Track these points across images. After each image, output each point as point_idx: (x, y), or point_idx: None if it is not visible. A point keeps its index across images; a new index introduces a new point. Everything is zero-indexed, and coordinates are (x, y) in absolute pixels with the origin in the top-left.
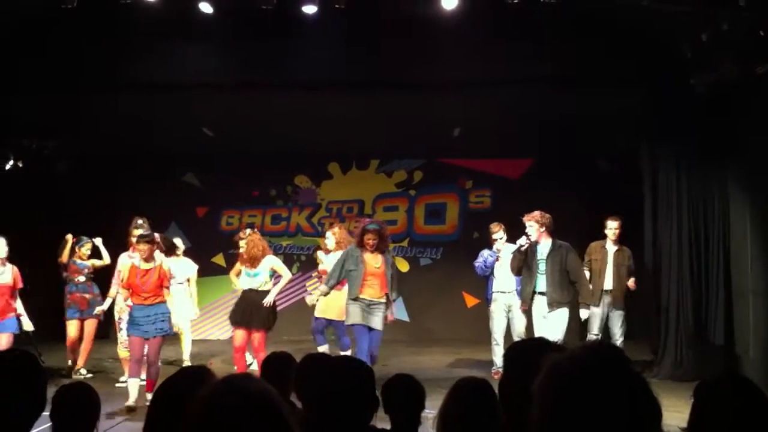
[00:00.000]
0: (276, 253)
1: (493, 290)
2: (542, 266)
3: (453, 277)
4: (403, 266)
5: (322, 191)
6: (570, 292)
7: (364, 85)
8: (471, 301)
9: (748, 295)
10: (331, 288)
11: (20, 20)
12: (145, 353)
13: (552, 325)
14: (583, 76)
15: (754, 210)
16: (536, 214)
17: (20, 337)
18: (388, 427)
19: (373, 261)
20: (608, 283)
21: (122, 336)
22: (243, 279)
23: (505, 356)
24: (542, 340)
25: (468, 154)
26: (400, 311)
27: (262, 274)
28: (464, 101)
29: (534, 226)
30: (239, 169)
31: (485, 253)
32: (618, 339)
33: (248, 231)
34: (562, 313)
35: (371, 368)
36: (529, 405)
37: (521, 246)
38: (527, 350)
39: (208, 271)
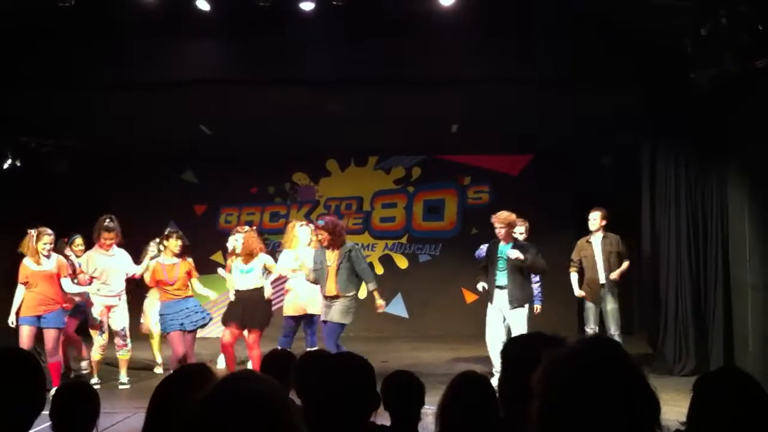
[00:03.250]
0: (275, 250)
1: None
2: (502, 264)
3: (452, 274)
4: (402, 263)
5: (321, 188)
6: (529, 290)
7: (362, 82)
8: (470, 297)
9: (747, 288)
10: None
11: (18, 19)
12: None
13: (514, 324)
14: (581, 73)
15: (752, 204)
16: (506, 216)
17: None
18: (387, 423)
19: (328, 259)
20: (602, 277)
21: (102, 339)
22: (236, 276)
23: (504, 351)
24: (541, 334)
25: (466, 150)
26: (399, 308)
27: (255, 271)
28: (462, 98)
29: (505, 228)
30: (237, 166)
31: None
32: (614, 334)
33: (246, 228)
34: (521, 314)
35: (372, 366)
36: (528, 399)
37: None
38: (526, 345)
39: (207, 269)
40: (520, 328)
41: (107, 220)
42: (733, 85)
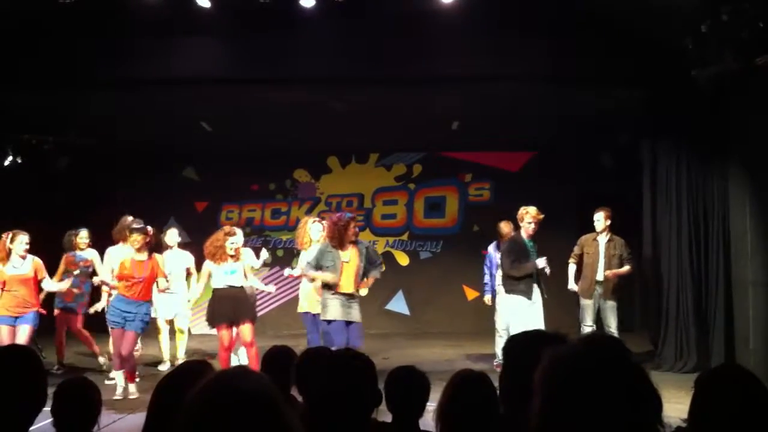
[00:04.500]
0: (276, 248)
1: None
2: (534, 257)
3: (453, 271)
4: (403, 260)
5: (322, 185)
6: None
7: (364, 79)
8: (471, 294)
9: (748, 286)
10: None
11: (19, 16)
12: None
13: (538, 312)
14: (583, 71)
15: (753, 202)
16: (538, 211)
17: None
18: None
19: (344, 256)
20: (600, 275)
21: None
22: (219, 277)
23: (505, 348)
24: (541, 332)
25: (467, 147)
26: (400, 305)
27: (239, 270)
28: (463, 96)
29: (538, 225)
30: (238, 163)
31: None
32: (613, 331)
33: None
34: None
35: (373, 363)
36: (529, 396)
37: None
38: (527, 342)
39: None
40: (541, 318)
41: (129, 218)
42: (734, 83)
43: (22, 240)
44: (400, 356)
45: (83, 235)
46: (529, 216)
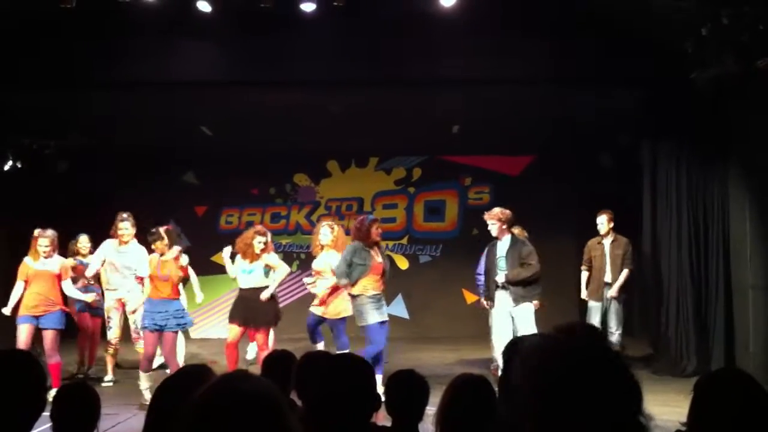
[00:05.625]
0: (275, 251)
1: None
2: (502, 263)
3: (453, 274)
4: (403, 263)
5: (321, 189)
6: (533, 286)
7: (363, 83)
8: (471, 297)
9: (748, 289)
10: (354, 282)
11: (19, 17)
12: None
13: (522, 321)
14: (583, 73)
15: (753, 205)
16: (497, 211)
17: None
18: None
19: (377, 256)
20: (608, 276)
21: (111, 334)
22: (239, 275)
23: (505, 352)
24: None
25: (467, 151)
26: (399, 308)
27: (257, 270)
28: (463, 99)
29: (496, 224)
30: (238, 167)
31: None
32: (615, 332)
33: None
34: (528, 308)
35: (372, 366)
36: None
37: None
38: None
39: (207, 270)
40: (528, 326)
41: (125, 213)
42: (735, 86)
43: (42, 243)
44: (399, 360)
45: (83, 240)
46: (487, 217)
